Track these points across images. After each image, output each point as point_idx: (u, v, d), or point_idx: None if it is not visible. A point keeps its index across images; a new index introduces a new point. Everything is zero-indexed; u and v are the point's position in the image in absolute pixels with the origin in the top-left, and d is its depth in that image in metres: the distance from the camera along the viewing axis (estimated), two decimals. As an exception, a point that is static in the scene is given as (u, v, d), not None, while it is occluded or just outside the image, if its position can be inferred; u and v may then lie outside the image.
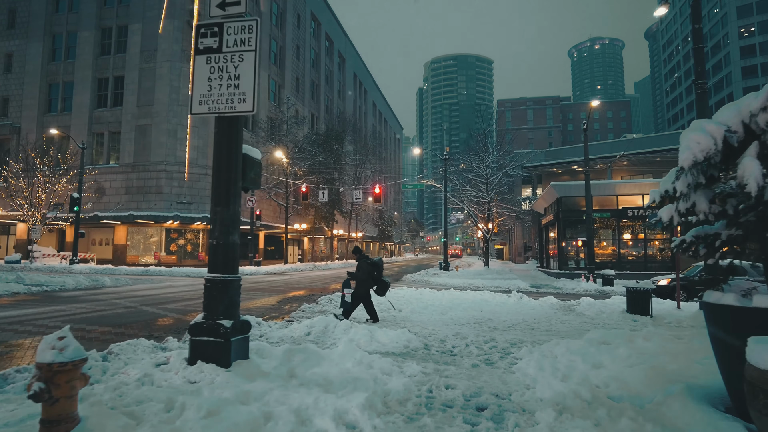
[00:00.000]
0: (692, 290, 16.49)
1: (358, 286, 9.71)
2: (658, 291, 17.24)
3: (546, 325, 9.72)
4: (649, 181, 28.98)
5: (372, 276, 9.76)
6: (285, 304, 13.63)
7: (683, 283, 16.89)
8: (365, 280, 9.69)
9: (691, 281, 16.66)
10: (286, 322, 9.49)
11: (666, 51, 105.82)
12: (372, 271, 9.74)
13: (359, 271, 9.72)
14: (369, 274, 9.70)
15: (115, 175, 37.11)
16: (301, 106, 54.87)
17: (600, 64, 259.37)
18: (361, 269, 9.68)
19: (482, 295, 15.16)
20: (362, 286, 9.70)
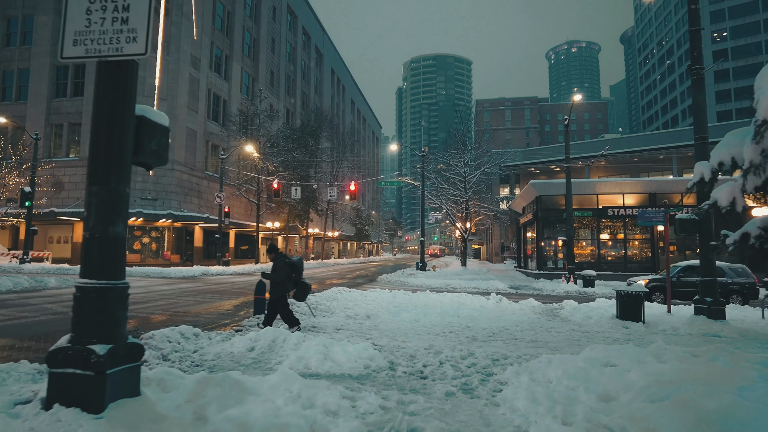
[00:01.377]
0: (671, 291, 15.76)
1: (273, 290, 8.40)
2: None
3: (531, 334, 8.65)
4: (630, 180, 28.47)
5: (290, 278, 8.51)
6: (242, 308, 12.29)
7: (659, 284, 16.42)
8: (282, 283, 8.41)
9: (671, 282, 15.95)
10: (232, 332, 8.19)
11: (641, 54, 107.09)
12: (290, 272, 8.48)
13: (275, 272, 8.42)
14: (287, 276, 8.45)
15: (75, 169, 34.93)
16: (275, 101, 53.16)
17: (577, 66, 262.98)
18: (278, 270, 8.41)
19: (459, 298, 14.07)
20: (278, 289, 8.41)
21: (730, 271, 16.04)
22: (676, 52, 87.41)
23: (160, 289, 17.01)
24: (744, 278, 15.84)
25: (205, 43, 39.72)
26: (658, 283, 16.45)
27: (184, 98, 36.78)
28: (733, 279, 15.86)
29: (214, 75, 41.64)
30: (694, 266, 16.22)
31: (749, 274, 15.92)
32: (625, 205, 28.25)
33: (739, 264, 16.89)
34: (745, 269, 16.15)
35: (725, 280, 15.60)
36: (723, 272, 15.78)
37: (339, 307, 11.50)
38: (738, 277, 15.92)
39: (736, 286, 15.72)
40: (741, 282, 15.81)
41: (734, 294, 15.68)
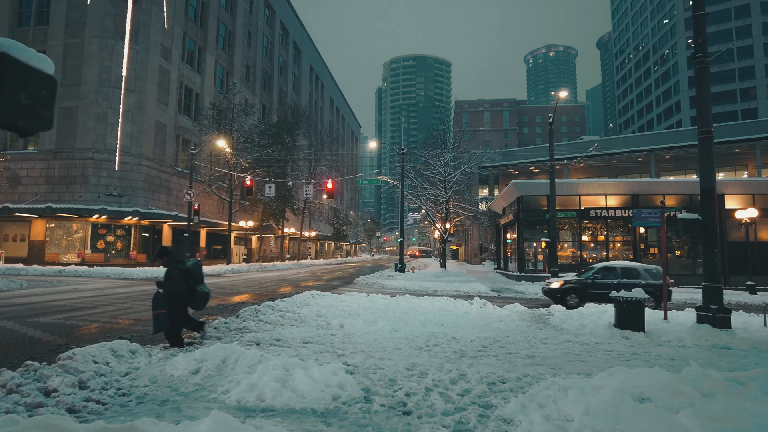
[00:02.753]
0: (584, 293, 15.66)
1: (170, 301, 7.07)
2: (549, 293, 16.39)
3: (525, 346, 7.67)
4: (613, 180, 28.02)
5: (188, 286, 7.22)
6: (203, 315, 11.02)
7: (575, 285, 16.01)
8: (180, 293, 7.12)
9: (584, 284, 15.80)
10: (181, 348, 6.99)
11: (618, 59, 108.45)
12: (188, 279, 7.19)
13: (172, 281, 7.06)
14: (185, 284, 7.15)
15: (34, 163, 32.81)
16: (251, 96, 51.51)
17: (554, 70, 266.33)
18: (175, 278, 7.08)
19: (442, 303, 13.08)
20: (176, 300, 7.13)
21: (644, 273, 15.66)
22: (652, 56, 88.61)
23: (116, 293, 15.56)
24: (658, 279, 15.48)
25: (177, 34, 37.96)
26: (573, 284, 16.01)
27: (153, 90, 35.00)
28: (647, 280, 15.46)
29: (186, 67, 39.88)
30: (610, 267, 16.04)
31: (661, 275, 15.53)
32: (607, 206, 27.77)
33: (654, 265, 16.45)
34: (659, 270, 15.75)
35: (639, 281, 15.30)
36: (638, 273, 15.54)
37: (310, 315, 10.37)
38: (652, 278, 15.55)
39: (650, 288, 15.29)
40: (654, 283, 15.42)
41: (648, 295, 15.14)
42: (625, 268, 15.82)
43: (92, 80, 32.70)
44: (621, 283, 15.33)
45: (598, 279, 15.81)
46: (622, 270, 15.79)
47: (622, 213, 27.40)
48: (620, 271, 15.76)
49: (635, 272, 15.61)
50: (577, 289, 15.83)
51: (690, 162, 45.08)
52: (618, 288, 14.97)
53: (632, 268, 15.82)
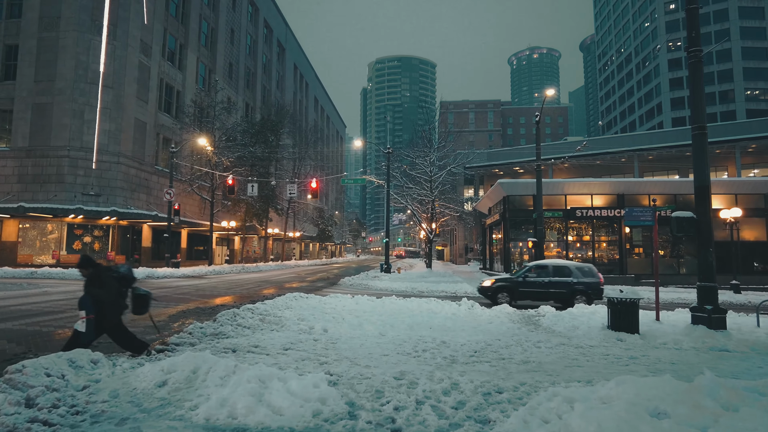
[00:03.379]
0: (515, 291, 15.69)
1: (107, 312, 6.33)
2: (482, 291, 16.38)
3: (518, 351, 7.30)
4: (599, 180, 28.01)
5: (122, 294, 6.55)
6: (177, 319, 10.47)
7: (505, 284, 16.01)
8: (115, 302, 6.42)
9: (515, 282, 15.80)
10: (151, 355, 6.46)
11: (601, 61, 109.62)
12: (120, 287, 6.51)
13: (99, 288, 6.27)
14: (118, 293, 6.46)
15: (5, 161, 31.58)
16: (234, 94, 50.62)
17: (538, 72, 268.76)
18: (108, 285, 6.31)
19: (429, 305, 12.69)
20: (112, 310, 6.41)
21: (576, 271, 15.60)
22: (634, 59, 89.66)
23: (89, 295, 14.84)
24: (590, 278, 15.43)
25: (157, 30, 37.02)
26: (504, 283, 16.07)
27: (132, 87, 34.04)
28: (579, 279, 15.40)
29: (167, 64, 38.92)
30: (542, 266, 15.98)
31: (595, 273, 15.60)
32: (593, 206, 27.73)
33: (586, 263, 16.58)
34: (592, 269, 15.77)
35: (571, 280, 15.32)
36: (569, 272, 15.50)
37: (292, 318, 9.87)
38: (584, 276, 15.47)
39: (582, 286, 15.29)
40: (586, 282, 15.36)
41: (579, 294, 15.30)
42: (557, 267, 15.78)
43: (68, 76, 31.64)
44: (552, 281, 15.45)
45: (530, 277, 15.76)
46: (553, 268, 15.73)
47: (608, 213, 27.39)
48: (552, 270, 15.71)
49: (567, 271, 15.57)
50: (508, 287, 15.84)
51: (673, 162, 45.53)
52: (548, 287, 15.53)
53: (564, 266, 15.80)
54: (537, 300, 15.59)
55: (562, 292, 15.31)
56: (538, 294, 15.56)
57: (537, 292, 15.54)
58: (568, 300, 15.16)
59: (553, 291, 15.40)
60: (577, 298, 15.25)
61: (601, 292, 15.27)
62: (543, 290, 15.47)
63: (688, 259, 27.59)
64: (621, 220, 27.34)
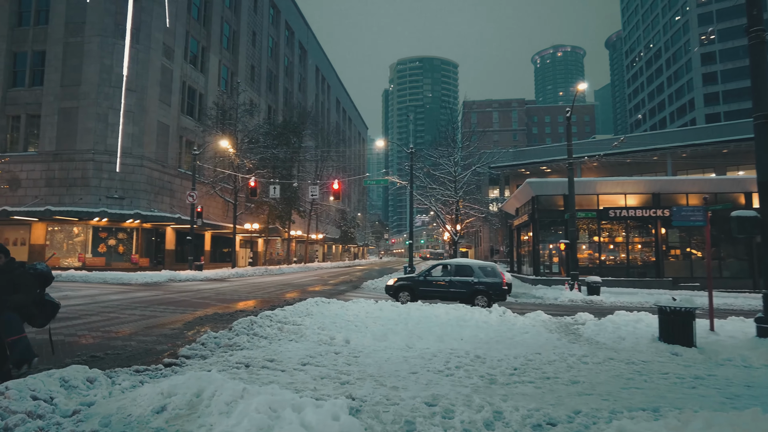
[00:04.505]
0: (416, 290, 15.55)
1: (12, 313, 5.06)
2: (386, 290, 16.26)
3: (563, 367, 6.48)
4: (633, 179, 26.70)
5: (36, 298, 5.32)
6: (192, 327, 9.95)
7: (406, 283, 15.84)
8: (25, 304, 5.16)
9: (416, 281, 15.71)
10: (158, 371, 5.90)
11: (628, 57, 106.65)
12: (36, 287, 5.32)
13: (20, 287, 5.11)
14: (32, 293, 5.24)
15: (34, 165, 32.02)
16: (256, 97, 50.65)
17: (562, 71, 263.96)
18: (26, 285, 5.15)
19: (457, 311, 11.93)
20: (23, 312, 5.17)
21: (479, 270, 15.40)
22: (664, 54, 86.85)
23: (108, 300, 14.55)
24: (491, 278, 15.22)
25: (179, 33, 37.13)
26: (406, 282, 15.94)
27: (155, 90, 34.15)
28: (480, 279, 15.21)
29: (189, 67, 39.04)
30: (444, 265, 15.88)
31: (497, 273, 15.34)
32: (627, 206, 26.45)
33: (489, 263, 16.13)
34: (495, 269, 15.51)
35: (472, 280, 15.20)
36: (471, 271, 15.35)
37: (312, 327, 9.24)
38: (486, 276, 15.26)
39: (482, 286, 15.10)
40: (487, 282, 15.16)
41: (480, 294, 15.11)
42: (459, 266, 15.62)
43: (92, 80, 31.89)
44: (453, 281, 15.33)
45: (431, 276, 15.65)
46: (456, 268, 15.59)
47: (644, 213, 26.08)
48: (454, 269, 15.59)
49: (469, 270, 15.38)
50: (409, 286, 15.75)
51: (708, 159, 43.52)
52: (449, 286, 15.41)
53: (466, 265, 15.61)
54: (438, 299, 15.45)
55: (463, 291, 15.20)
56: (439, 293, 15.46)
57: (437, 291, 15.45)
58: (468, 300, 15.04)
59: (454, 291, 15.29)
60: (477, 297, 15.09)
61: (504, 293, 15.19)
62: (443, 290, 15.40)
63: (730, 262, 26.08)
64: (657, 221, 26.03)
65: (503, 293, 15.19)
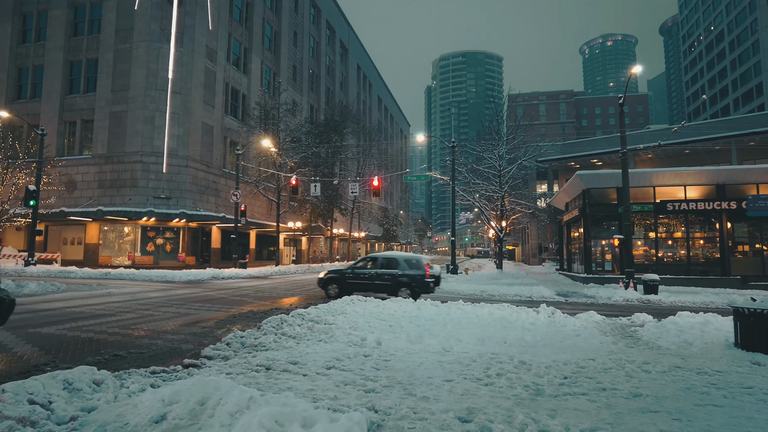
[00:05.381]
0: (344, 283, 15.64)
1: None
2: (318, 283, 16.38)
3: (622, 376, 5.66)
4: (694, 169, 24.70)
5: None
6: (223, 325, 9.70)
7: (336, 276, 15.95)
8: None
9: (344, 274, 15.86)
10: (175, 372, 5.55)
11: (686, 42, 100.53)
12: None
13: None
14: None
15: (88, 167, 33.45)
16: (298, 96, 51.05)
17: (612, 61, 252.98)
18: None
19: (502, 311, 11.14)
20: None
21: (404, 263, 15.52)
22: (727, 37, 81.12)
23: (147, 297, 14.67)
24: (415, 270, 15.27)
25: (222, 35, 37.79)
26: (334, 274, 16.11)
27: (199, 92, 34.89)
28: (404, 271, 15.30)
29: (232, 68, 39.70)
30: (372, 258, 16.02)
31: (422, 266, 15.34)
32: (687, 199, 24.51)
33: (416, 255, 16.13)
34: (420, 261, 15.54)
35: (397, 272, 15.32)
36: (397, 264, 15.51)
37: (344, 326, 8.75)
38: (410, 269, 15.34)
39: (406, 278, 15.19)
40: (411, 274, 15.24)
41: (404, 286, 15.20)
42: (386, 259, 15.87)
43: (140, 84, 32.92)
44: (379, 273, 15.49)
45: (358, 269, 15.86)
46: (383, 260, 15.83)
47: (706, 206, 24.09)
48: (381, 262, 15.82)
49: (394, 263, 15.56)
50: (337, 278, 15.92)
51: (779, 148, 40.10)
52: (374, 279, 15.54)
53: (393, 258, 15.82)
54: (364, 291, 15.61)
55: (387, 284, 15.41)
56: (365, 285, 15.67)
57: (364, 283, 15.64)
58: (393, 291, 15.26)
59: (379, 283, 15.52)
60: (402, 290, 15.21)
61: (427, 285, 15.23)
62: (369, 282, 15.61)
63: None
64: (722, 214, 23.99)
65: (426, 285, 15.22)
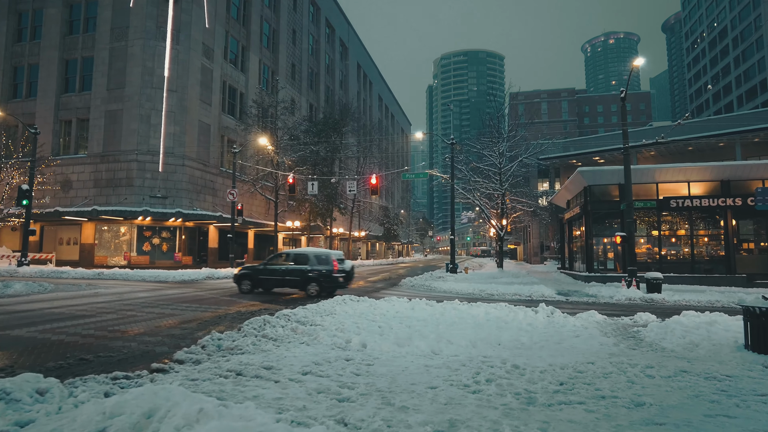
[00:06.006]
0: (256, 279, 16.04)
1: None
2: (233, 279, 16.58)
3: (623, 382, 5.20)
4: (698, 165, 24.14)
5: None
6: (207, 326, 9.26)
7: (248, 272, 16.37)
8: None
9: (256, 270, 16.30)
10: (140, 377, 5.11)
11: (689, 39, 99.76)
12: None
13: None
14: None
15: (83, 167, 33.09)
16: (297, 95, 50.63)
17: (614, 59, 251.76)
18: None
19: (498, 311, 10.68)
20: None
21: (313, 258, 15.79)
22: (730, 33, 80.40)
23: (134, 297, 14.26)
24: (324, 266, 15.53)
25: (219, 33, 37.39)
26: (247, 271, 16.51)
27: (195, 90, 34.50)
28: (313, 266, 15.56)
29: (229, 66, 39.30)
30: (284, 254, 16.48)
31: (330, 261, 15.62)
32: (690, 195, 24.00)
33: (326, 251, 16.40)
34: (329, 256, 15.76)
35: (306, 268, 15.57)
36: (306, 259, 15.76)
37: (330, 327, 8.31)
38: (319, 264, 15.60)
39: (314, 274, 15.46)
40: (319, 269, 15.50)
41: (312, 282, 15.50)
42: (297, 254, 16.18)
43: (135, 82, 32.54)
44: (289, 269, 15.75)
45: (270, 265, 16.11)
46: (294, 256, 16.15)
47: (710, 202, 23.57)
48: (292, 257, 16.12)
49: (304, 258, 15.81)
50: (249, 275, 16.23)
51: (784, 144, 39.51)
52: (285, 274, 15.80)
53: (303, 254, 16.11)
54: (275, 287, 16.11)
55: (297, 279, 15.65)
56: (276, 281, 15.97)
57: (275, 279, 15.92)
58: (302, 287, 15.58)
59: (289, 278, 15.78)
60: (310, 285, 15.48)
61: (335, 280, 15.47)
62: (280, 278, 15.89)
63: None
64: (727, 211, 23.46)
65: (335, 280, 15.45)
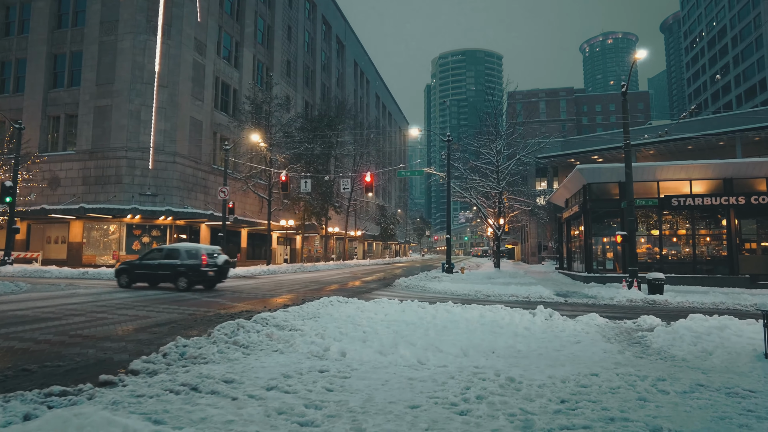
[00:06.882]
0: (133, 273, 16.70)
1: None
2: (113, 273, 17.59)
3: (634, 399, 4.54)
4: (700, 162, 23.54)
5: None
6: (179, 330, 8.55)
7: (126, 267, 16.99)
8: None
9: (133, 264, 17.01)
10: (79, 393, 4.43)
11: (687, 38, 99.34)
12: None
13: None
14: None
15: (71, 164, 32.31)
16: (292, 92, 49.87)
17: (613, 59, 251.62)
18: None
19: (494, 314, 10.02)
20: None
21: (184, 253, 16.28)
22: (729, 33, 79.95)
23: (111, 298, 13.55)
24: (192, 260, 16.01)
25: (212, 27, 36.65)
26: (125, 266, 17.08)
27: (187, 85, 33.76)
28: (183, 261, 16.05)
29: (222, 62, 38.57)
30: (159, 249, 17.30)
31: (198, 256, 16.11)
32: (692, 194, 23.39)
33: (196, 245, 17.03)
34: (198, 251, 16.33)
35: (177, 262, 16.04)
36: (178, 254, 16.26)
37: (310, 333, 7.63)
38: (189, 258, 16.07)
39: (184, 268, 15.94)
40: (188, 264, 15.97)
41: (182, 276, 15.96)
42: (170, 250, 16.78)
43: (125, 77, 31.80)
44: (162, 264, 16.27)
45: (146, 260, 16.70)
46: (167, 251, 16.70)
47: (713, 201, 22.97)
48: (165, 253, 16.67)
49: (176, 253, 16.32)
50: (127, 270, 16.85)
51: (785, 143, 38.97)
52: (158, 269, 16.33)
53: (175, 249, 16.65)
54: (150, 281, 16.68)
55: (168, 273, 16.17)
56: (151, 276, 16.55)
57: (150, 273, 16.48)
58: (173, 281, 16.05)
59: (162, 273, 16.32)
60: (180, 279, 15.94)
61: (203, 274, 15.93)
62: (154, 272, 16.43)
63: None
64: (729, 210, 22.88)
65: (203, 274, 15.90)
